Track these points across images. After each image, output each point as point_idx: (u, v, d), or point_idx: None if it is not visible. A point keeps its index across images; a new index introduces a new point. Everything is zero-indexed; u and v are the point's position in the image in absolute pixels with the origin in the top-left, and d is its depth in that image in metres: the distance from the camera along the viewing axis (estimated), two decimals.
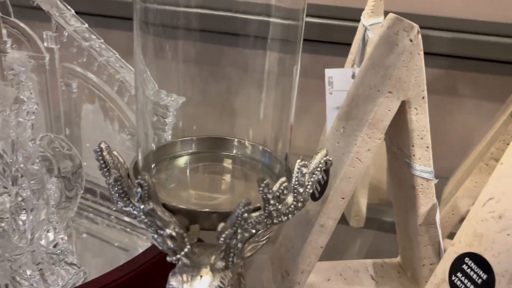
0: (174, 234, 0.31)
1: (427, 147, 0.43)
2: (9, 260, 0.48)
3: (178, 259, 0.32)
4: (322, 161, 0.39)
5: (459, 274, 0.38)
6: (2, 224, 0.54)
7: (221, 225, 0.31)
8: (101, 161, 0.36)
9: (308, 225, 0.46)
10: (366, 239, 0.68)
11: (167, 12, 0.38)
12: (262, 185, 0.33)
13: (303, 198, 0.37)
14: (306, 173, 0.37)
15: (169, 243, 0.32)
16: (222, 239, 0.31)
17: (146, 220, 0.32)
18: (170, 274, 0.34)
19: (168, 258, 0.32)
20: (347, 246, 0.67)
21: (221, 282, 0.33)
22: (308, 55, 0.87)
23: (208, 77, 0.44)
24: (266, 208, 0.35)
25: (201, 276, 0.33)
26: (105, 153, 0.36)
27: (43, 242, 0.47)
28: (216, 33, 0.40)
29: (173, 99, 0.47)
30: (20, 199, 0.44)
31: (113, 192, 0.35)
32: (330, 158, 0.39)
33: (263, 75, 0.42)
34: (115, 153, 0.36)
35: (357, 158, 0.42)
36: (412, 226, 0.48)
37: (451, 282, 0.38)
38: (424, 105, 0.41)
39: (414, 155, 0.43)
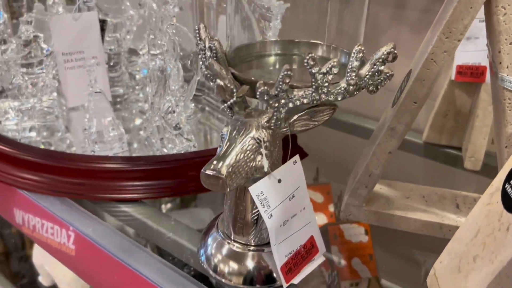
0: (223, 85, 0.38)
1: None
2: (145, 128, 0.62)
3: (227, 107, 0.39)
4: (385, 53, 0.39)
5: None
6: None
7: (260, 82, 0.36)
8: (197, 37, 0.44)
9: (381, 129, 0.47)
10: (479, 185, 0.63)
11: None
12: (307, 57, 0.37)
13: (356, 83, 0.39)
14: (363, 59, 0.39)
15: (221, 92, 0.38)
16: (258, 92, 0.36)
17: (205, 72, 0.39)
18: (224, 125, 0.40)
19: (221, 107, 0.39)
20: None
21: (259, 136, 0.38)
22: None
23: None
24: (313, 82, 0.38)
25: (245, 129, 0.39)
26: (202, 31, 0.44)
27: (169, 117, 0.59)
28: None
29: (277, 4, 0.52)
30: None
31: (199, 57, 0.43)
32: (396, 51, 0.39)
33: None
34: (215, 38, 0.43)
35: (432, 59, 0.41)
36: (500, 149, 0.44)
37: (503, 190, 0.35)
38: None
39: (500, 63, 0.40)
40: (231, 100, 0.38)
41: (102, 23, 0.68)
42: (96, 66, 0.65)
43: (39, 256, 1.02)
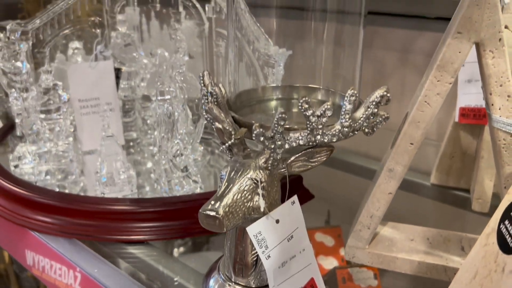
0: (221, 127, 0.39)
1: (509, 96, 0.40)
2: (154, 170, 0.64)
3: (226, 149, 0.40)
4: (378, 96, 0.41)
5: (506, 222, 0.35)
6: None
7: (256, 124, 0.38)
8: (201, 83, 0.46)
9: (381, 171, 0.48)
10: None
11: None
12: (301, 100, 0.39)
13: (350, 125, 0.40)
14: (356, 101, 0.40)
15: (219, 135, 0.40)
16: (254, 134, 0.38)
17: (206, 116, 0.41)
18: (224, 167, 0.42)
19: (220, 148, 0.41)
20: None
21: (257, 176, 0.39)
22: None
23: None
24: (308, 124, 0.39)
25: (243, 169, 0.40)
26: (205, 77, 0.46)
27: (177, 160, 0.61)
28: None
29: (281, 51, 0.55)
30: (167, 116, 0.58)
31: (202, 102, 0.45)
32: (389, 95, 0.41)
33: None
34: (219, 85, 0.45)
35: (425, 102, 0.42)
36: (501, 190, 0.44)
37: (498, 231, 0.35)
38: (501, 48, 0.39)
39: (492, 105, 0.41)
40: (229, 142, 0.40)
41: (117, 71, 0.72)
42: (109, 112, 0.68)
43: None
